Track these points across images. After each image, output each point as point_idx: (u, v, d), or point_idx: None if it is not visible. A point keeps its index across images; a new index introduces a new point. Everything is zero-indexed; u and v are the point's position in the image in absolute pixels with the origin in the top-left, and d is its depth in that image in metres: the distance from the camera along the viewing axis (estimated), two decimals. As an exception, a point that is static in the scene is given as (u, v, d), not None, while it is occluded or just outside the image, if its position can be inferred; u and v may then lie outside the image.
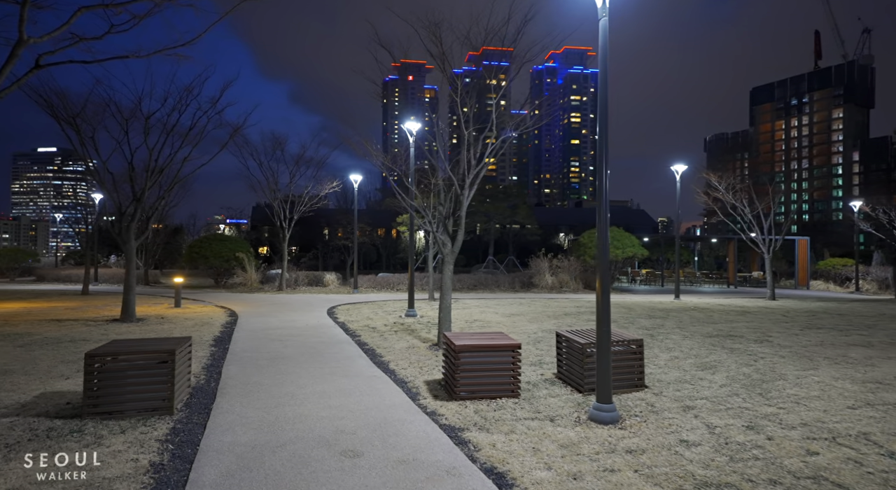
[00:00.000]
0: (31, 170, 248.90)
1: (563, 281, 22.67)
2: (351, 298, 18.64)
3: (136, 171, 11.57)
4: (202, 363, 7.47)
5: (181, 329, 10.52)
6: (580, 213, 73.25)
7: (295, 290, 22.30)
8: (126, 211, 11.49)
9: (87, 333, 9.65)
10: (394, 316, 13.19)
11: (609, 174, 5.52)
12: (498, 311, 13.95)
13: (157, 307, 14.54)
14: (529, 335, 9.95)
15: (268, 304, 16.07)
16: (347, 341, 9.48)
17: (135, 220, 11.37)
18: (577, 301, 17.51)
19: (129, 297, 11.23)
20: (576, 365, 6.32)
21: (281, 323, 11.75)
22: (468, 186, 8.63)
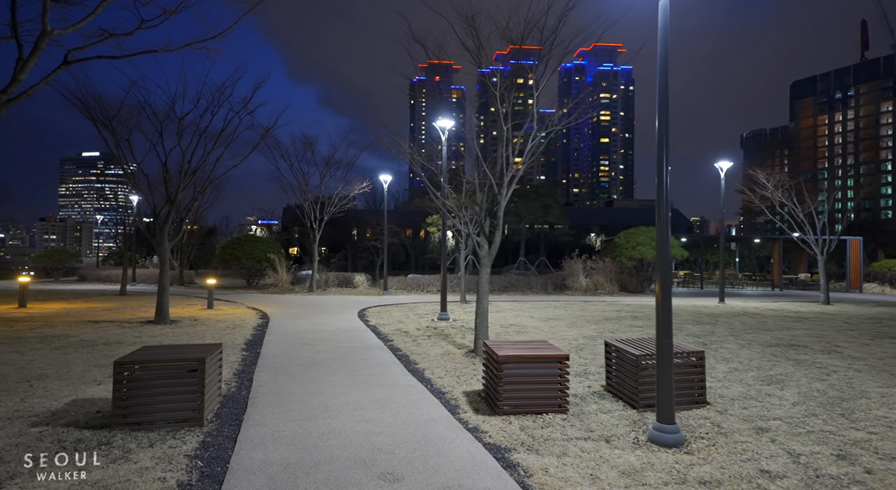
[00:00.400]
0: (77, 173, 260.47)
1: (598, 283, 21.93)
2: (381, 300, 18.42)
3: (170, 173, 11.57)
4: (233, 369, 7.27)
5: (213, 332, 10.43)
6: (611, 213, 71.67)
7: (325, 291, 22.27)
8: (160, 212, 11.50)
9: (121, 336, 9.64)
10: (426, 319, 12.85)
11: (669, 170, 5.01)
12: (533, 315, 13.44)
13: (190, 308, 14.61)
14: (570, 342, 9.44)
15: (298, 306, 15.98)
16: (380, 346, 9.18)
17: (168, 221, 11.37)
18: (614, 305, 16.81)
19: (162, 298, 11.23)
20: (628, 378, 5.81)
21: (312, 326, 11.56)
22: (506, 184, 8.20)
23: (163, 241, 11.37)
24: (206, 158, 11.78)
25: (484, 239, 8.62)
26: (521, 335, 10.29)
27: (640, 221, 58.18)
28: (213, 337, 9.74)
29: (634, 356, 5.65)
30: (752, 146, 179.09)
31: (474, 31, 8.31)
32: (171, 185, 11.50)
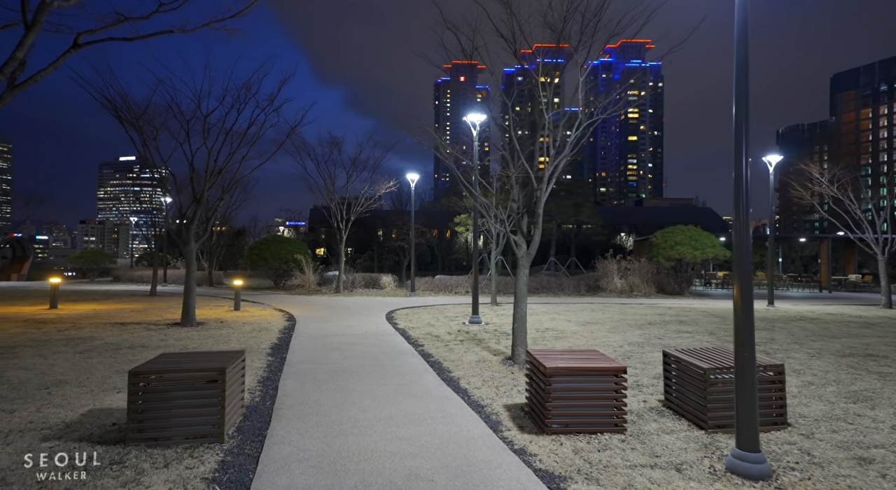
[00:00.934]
0: (114, 177, 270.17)
1: (634, 284, 20.99)
2: (409, 302, 17.98)
3: (196, 172, 11.36)
4: (258, 376, 6.88)
5: (239, 335, 10.13)
6: (642, 212, 69.75)
7: (352, 292, 21.98)
8: (186, 213, 11.29)
9: (146, 339, 9.41)
10: (456, 322, 12.31)
11: (750, 162, 4.33)
12: (570, 319, 12.75)
13: (217, 310, 14.45)
14: (615, 349, 8.74)
15: (325, 308, 15.66)
16: (410, 352, 8.68)
17: (194, 221, 11.16)
18: (654, 307, 15.93)
19: (188, 300, 11.01)
20: (693, 394, 5.14)
21: (339, 329, 11.17)
22: (547, 179, 7.59)
23: (189, 242, 11.16)
24: (231, 157, 11.54)
25: (522, 238, 8.03)
26: (559, 341, 9.64)
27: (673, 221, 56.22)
28: (238, 341, 9.43)
29: (702, 369, 4.98)
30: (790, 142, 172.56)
31: (512, 15, 7.73)
32: (197, 184, 11.28)
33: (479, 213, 22.91)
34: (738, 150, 4.27)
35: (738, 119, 4.28)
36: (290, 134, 12.23)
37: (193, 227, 11.13)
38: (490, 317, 13.35)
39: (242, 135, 11.65)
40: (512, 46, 8.33)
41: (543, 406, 4.97)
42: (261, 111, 11.69)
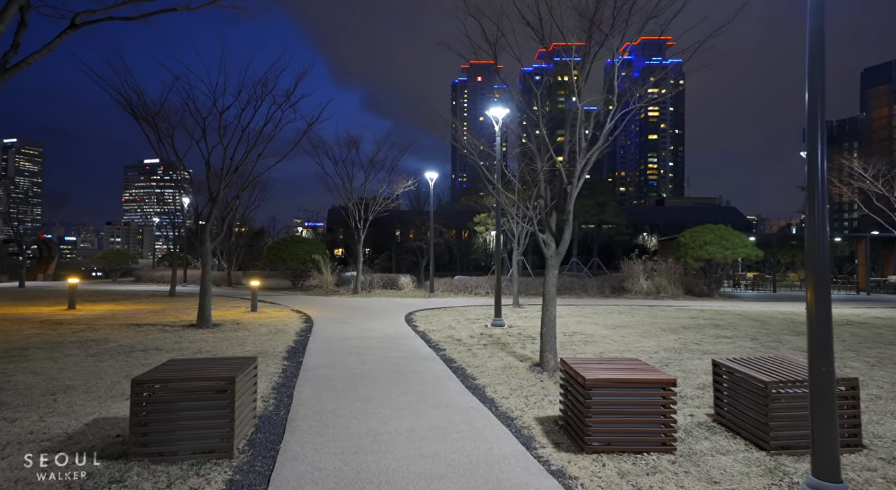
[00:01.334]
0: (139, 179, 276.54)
1: (660, 286, 20.24)
2: (428, 303, 17.57)
3: (213, 170, 11.13)
4: (272, 382, 6.52)
5: (254, 337, 9.83)
6: (664, 212, 68.27)
7: (370, 293, 21.68)
8: (202, 212, 11.05)
9: (160, 341, 9.17)
10: (478, 325, 11.85)
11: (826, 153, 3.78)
12: (597, 322, 12.17)
13: (234, 311, 14.24)
14: (650, 355, 8.18)
15: (343, 309, 15.35)
16: (432, 357, 8.25)
17: (210, 221, 10.92)
18: (685, 310, 15.22)
19: (204, 302, 10.77)
20: (751, 410, 4.59)
21: (358, 331, 10.81)
22: (578, 173, 7.09)
23: (205, 242, 10.92)
24: (247, 155, 11.28)
25: (550, 237, 7.54)
26: (588, 345, 9.11)
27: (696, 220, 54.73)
28: (253, 343, 9.12)
29: (762, 383, 4.43)
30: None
31: None
32: (213, 183, 11.05)
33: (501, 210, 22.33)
34: (811, 140, 3.73)
35: (811, 104, 3.73)
36: (307, 130, 11.96)
37: (209, 226, 10.89)
38: (513, 319, 12.86)
39: (259, 132, 11.39)
40: (539, 34, 7.85)
41: (582, 421, 4.49)
42: (277, 107, 11.42)
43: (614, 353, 8.39)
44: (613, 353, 8.39)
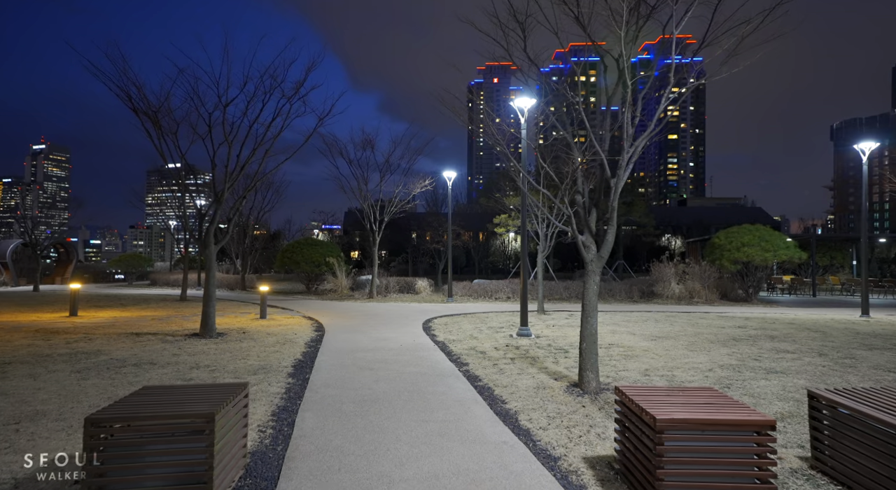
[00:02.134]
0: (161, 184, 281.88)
1: (693, 290, 18.99)
2: (446, 309, 16.66)
3: (217, 168, 10.40)
4: (273, 405, 5.67)
5: (260, 349, 9.03)
6: (687, 213, 66.29)
7: (385, 297, 20.86)
8: (206, 213, 10.33)
9: (157, 353, 8.42)
10: (502, 335, 10.89)
11: None
12: (633, 331, 11.11)
13: (242, 318, 13.51)
14: (704, 374, 7.13)
15: (358, 315, 14.53)
16: (453, 373, 7.33)
17: (214, 222, 10.19)
18: (727, 317, 14.03)
19: (208, 309, 10.03)
20: (871, 460, 3.56)
21: (372, 341, 9.95)
22: (625, 164, 6.12)
23: (209, 244, 10.19)
24: (254, 152, 10.53)
25: (590, 238, 6.57)
26: (630, 361, 8.08)
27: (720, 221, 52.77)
28: (257, 356, 8.31)
29: (891, 427, 3.41)
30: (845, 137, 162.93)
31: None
32: (218, 182, 10.32)
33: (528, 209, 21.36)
34: None
35: None
36: (319, 124, 11.17)
37: (213, 227, 10.16)
38: (539, 328, 11.86)
39: (267, 127, 10.64)
40: (575, 9, 6.90)
41: (650, 472, 3.52)
42: (286, 101, 10.65)
43: (661, 371, 7.36)
44: (660, 370, 7.36)
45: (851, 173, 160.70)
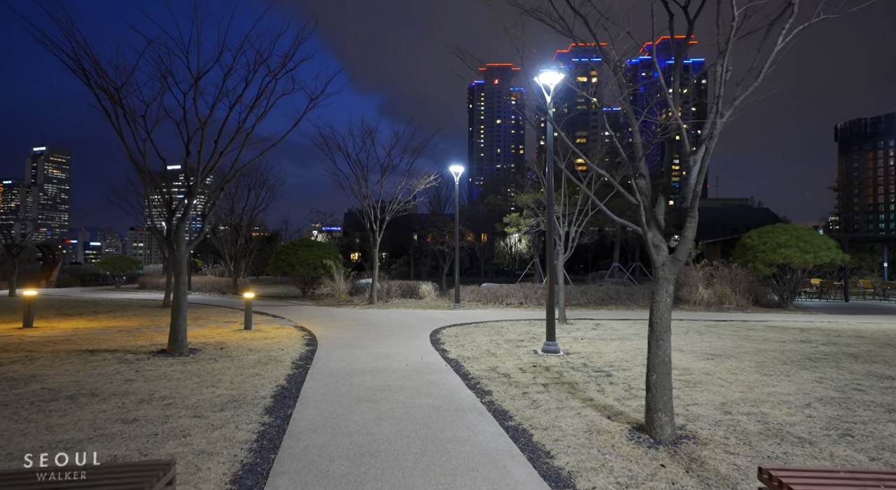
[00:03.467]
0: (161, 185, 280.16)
1: (723, 295, 17.39)
2: (454, 316, 15.07)
3: (191, 156, 8.82)
4: (235, 465, 4.10)
5: (236, 371, 7.44)
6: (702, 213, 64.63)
7: (387, 303, 19.26)
8: (176, 208, 8.77)
9: (106, 380, 6.83)
10: (525, 350, 9.29)
11: None
12: (680, 346, 9.50)
13: (224, 329, 11.91)
14: (803, 412, 5.52)
15: (356, 325, 12.94)
16: (475, 407, 5.75)
17: (186, 217, 8.63)
18: (779, 328, 12.42)
19: (177, 322, 8.44)
20: None
21: (372, 360, 8.36)
22: (706, 139, 4.56)
23: (180, 244, 8.62)
24: (234, 136, 8.97)
25: (659, 235, 5.01)
26: (695, 390, 6.47)
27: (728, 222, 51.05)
28: (230, 383, 6.72)
29: None
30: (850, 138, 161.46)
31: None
32: (191, 171, 8.75)
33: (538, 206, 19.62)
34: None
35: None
36: (310, 104, 9.60)
37: (184, 224, 8.60)
38: (566, 342, 10.25)
39: (249, 108, 9.08)
40: None
41: None
42: (272, 77, 9.09)
43: (743, 406, 5.75)
44: (742, 406, 5.76)
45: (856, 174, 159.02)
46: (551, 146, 9.07)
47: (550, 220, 9.33)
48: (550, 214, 9.29)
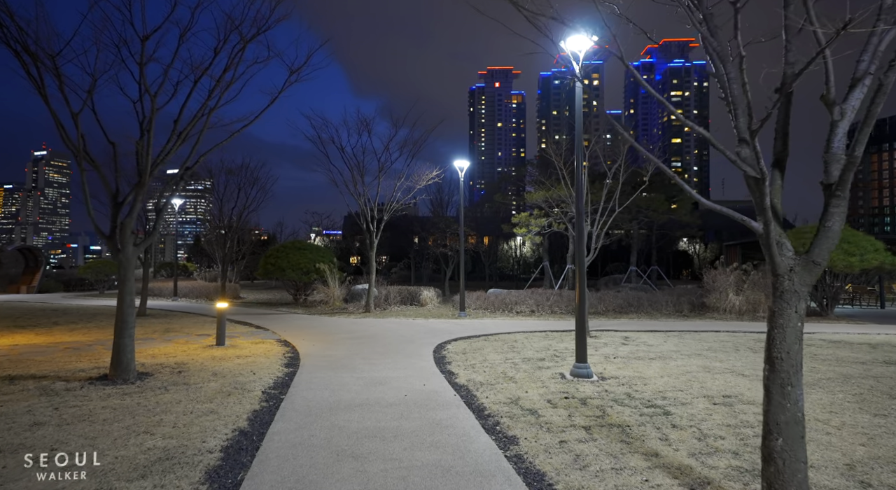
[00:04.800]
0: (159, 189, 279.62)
1: (756, 302, 15.72)
2: (460, 327, 13.42)
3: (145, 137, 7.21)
4: None
5: (187, 405, 5.80)
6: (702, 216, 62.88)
7: (385, 310, 17.62)
8: (125, 200, 7.15)
9: (4, 424, 5.19)
10: (549, 374, 7.64)
11: None
12: (740, 370, 7.84)
13: (192, 345, 10.27)
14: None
15: (348, 338, 11.30)
16: (499, 469, 4.12)
17: (133, 212, 7.02)
18: (838, 343, 10.71)
19: (121, 341, 6.81)
20: None
21: (362, 388, 6.73)
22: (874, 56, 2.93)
23: (126, 244, 7.00)
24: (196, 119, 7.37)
25: (778, 227, 3.38)
26: (789, 436, 4.80)
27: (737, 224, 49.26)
28: (173, 426, 5.08)
29: None
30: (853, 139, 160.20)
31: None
32: (142, 156, 7.14)
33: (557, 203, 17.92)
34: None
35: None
36: (290, 78, 7.99)
37: (131, 221, 7.00)
38: (597, 361, 8.58)
39: (217, 80, 7.48)
40: None
41: None
42: (242, 43, 7.49)
43: (874, 467, 4.11)
44: (874, 467, 4.11)
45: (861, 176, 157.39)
46: (580, 122, 7.44)
47: (580, 212, 7.66)
48: (580, 205, 7.62)
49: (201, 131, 7.36)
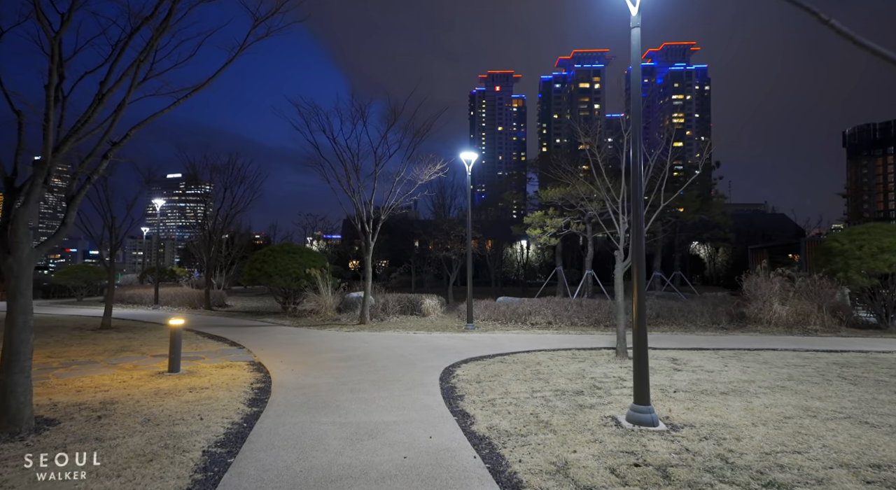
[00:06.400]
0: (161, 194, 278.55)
1: (805, 313, 13.77)
2: (469, 343, 11.48)
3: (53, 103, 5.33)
4: None
5: (90, 478, 3.87)
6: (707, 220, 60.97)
7: (382, 321, 15.69)
8: (23, 185, 5.25)
9: None
10: (597, 416, 5.71)
11: None
12: (844, 410, 5.91)
13: (142, 369, 8.33)
14: None
15: (336, 360, 9.36)
16: None
17: (28, 204, 5.14)
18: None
19: (9, 379, 4.88)
20: None
21: (345, 447, 4.81)
22: None
23: (19, 245, 5.11)
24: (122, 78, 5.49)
25: None
26: None
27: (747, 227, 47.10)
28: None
29: None
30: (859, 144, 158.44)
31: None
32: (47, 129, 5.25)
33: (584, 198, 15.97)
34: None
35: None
36: (254, 27, 6.13)
37: (26, 213, 5.12)
38: (654, 396, 6.59)
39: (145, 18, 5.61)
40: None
41: None
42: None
43: None
44: None
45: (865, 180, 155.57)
46: (637, 76, 5.54)
47: (637, 194, 5.68)
48: (638, 185, 5.64)
49: (129, 90, 5.48)
